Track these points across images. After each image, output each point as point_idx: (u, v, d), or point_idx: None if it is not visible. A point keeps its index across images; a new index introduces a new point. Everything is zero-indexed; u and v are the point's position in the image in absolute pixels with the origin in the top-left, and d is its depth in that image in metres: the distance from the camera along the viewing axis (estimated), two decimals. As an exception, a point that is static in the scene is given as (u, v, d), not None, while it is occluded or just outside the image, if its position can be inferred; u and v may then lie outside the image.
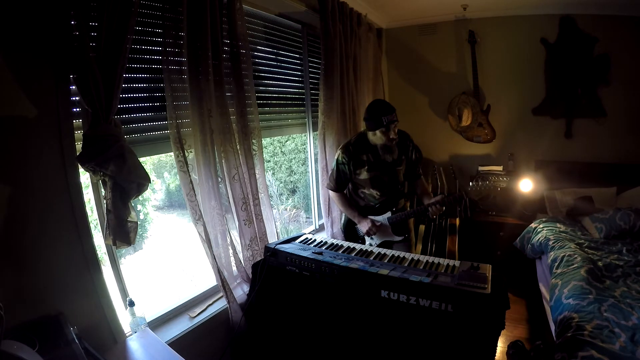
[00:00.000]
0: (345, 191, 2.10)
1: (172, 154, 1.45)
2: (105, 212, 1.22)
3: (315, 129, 2.60)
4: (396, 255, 1.55)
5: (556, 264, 2.15)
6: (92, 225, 1.25)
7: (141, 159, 1.26)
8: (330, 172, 2.08)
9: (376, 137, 1.84)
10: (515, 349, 2.05)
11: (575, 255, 2.12)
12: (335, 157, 1.99)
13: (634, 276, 1.90)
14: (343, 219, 2.21)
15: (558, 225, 2.67)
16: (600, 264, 2.07)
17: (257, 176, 1.86)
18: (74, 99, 1.15)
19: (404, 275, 1.29)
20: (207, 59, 1.49)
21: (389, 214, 1.99)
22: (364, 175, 1.93)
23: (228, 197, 1.70)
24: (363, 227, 2.00)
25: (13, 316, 0.94)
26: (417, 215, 2.01)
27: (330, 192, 2.11)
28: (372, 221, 1.99)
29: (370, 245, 2.01)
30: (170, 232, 4.31)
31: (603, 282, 1.88)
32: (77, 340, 1.02)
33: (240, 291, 1.78)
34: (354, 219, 2.06)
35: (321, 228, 2.87)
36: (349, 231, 2.15)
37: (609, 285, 1.85)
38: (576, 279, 1.87)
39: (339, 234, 2.56)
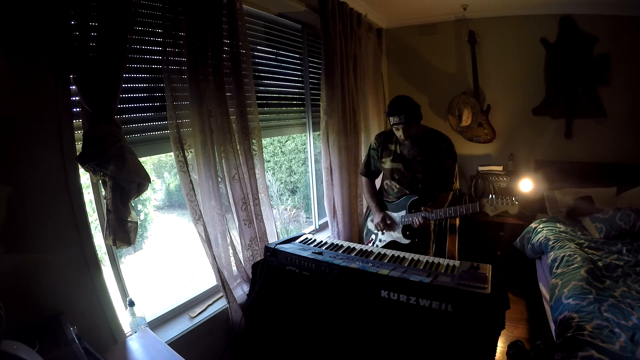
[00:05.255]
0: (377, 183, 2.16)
1: (172, 154, 1.44)
2: (105, 212, 1.22)
3: (315, 129, 2.61)
4: (396, 255, 1.55)
5: (556, 264, 2.15)
6: (92, 225, 1.25)
7: (141, 159, 1.26)
8: (364, 158, 2.19)
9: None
10: (515, 349, 2.06)
11: (575, 255, 2.12)
12: (370, 143, 2.12)
13: (634, 276, 1.90)
14: (366, 221, 2.22)
15: (558, 225, 2.67)
16: (600, 264, 2.07)
17: (257, 176, 1.86)
18: (74, 99, 1.15)
19: (404, 275, 1.29)
20: (207, 59, 1.49)
21: (404, 213, 1.97)
22: (388, 164, 1.99)
23: (228, 197, 1.70)
24: (375, 218, 2.03)
25: (13, 316, 0.94)
26: (428, 220, 1.85)
27: (362, 177, 2.20)
28: (384, 217, 1.99)
29: (380, 240, 2.05)
30: (170, 232, 4.31)
31: (603, 282, 1.88)
32: (77, 340, 1.01)
33: (240, 291, 1.78)
34: (372, 208, 2.09)
35: (321, 228, 2.87)
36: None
37: (609, 285, 1.85)
38: (576, 279, 1.87)
39: (342, 233, 2.57)
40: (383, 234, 2.05)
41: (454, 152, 1.92)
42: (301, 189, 4.74)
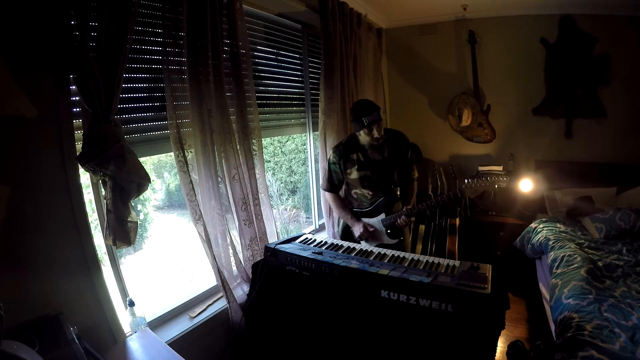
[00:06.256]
0: (341, 193, 2.11)
1: (172, 154, 1.45)
2: (105, 212, 1.22)
3: (315, 129, 2.61)
4: (396, 255, 1.55)
5: (556, 264, 2.15)
6: (92, 225, 1.25)
7: (141, 159, 1.26)
8: (324, 173, 2.12)
9: (362, 137, 1.88)
10: (515, 349, 2.06)
11: (575, 255, 2.12)
12: (328, 158, 2.05)
13: (634, 276, 1.90)
14: (340, 225, 2.19)
15: (558, 225, 2.67)
16: (600, 264, 2.07)
17: (257, 176, 1.86)
18: (74, 99, 1.15)
19: (404, 275, 1.28)
20: (207, 59, 1.49)
21: (382, 216, 1.97)
22: (354, 174, 1.96)
23: (228, 197, 1.70)
24: (356, 231, 2.00)
25: (13, 316, 0.94)
26: (411, 216, 1.92)
27: (326, 193, 2.14)
28: (365, 225, 1.97)
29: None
30: (170, 232, 4.31)
31: (603, 282, 1.88)
32: (77, 340, 1.01)
33: (240, 291, 1.78)
34: (347, 221, 2.06)
35: (321, 228, 2.87)
36: (346, 237, 2.13)
37: (609, 285, 1.84)
38: (576, 279, 1.87)
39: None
40: (368, 241, 2.03)
41: (410, 144, 2.04)
42: (301, 189, 4.74)
